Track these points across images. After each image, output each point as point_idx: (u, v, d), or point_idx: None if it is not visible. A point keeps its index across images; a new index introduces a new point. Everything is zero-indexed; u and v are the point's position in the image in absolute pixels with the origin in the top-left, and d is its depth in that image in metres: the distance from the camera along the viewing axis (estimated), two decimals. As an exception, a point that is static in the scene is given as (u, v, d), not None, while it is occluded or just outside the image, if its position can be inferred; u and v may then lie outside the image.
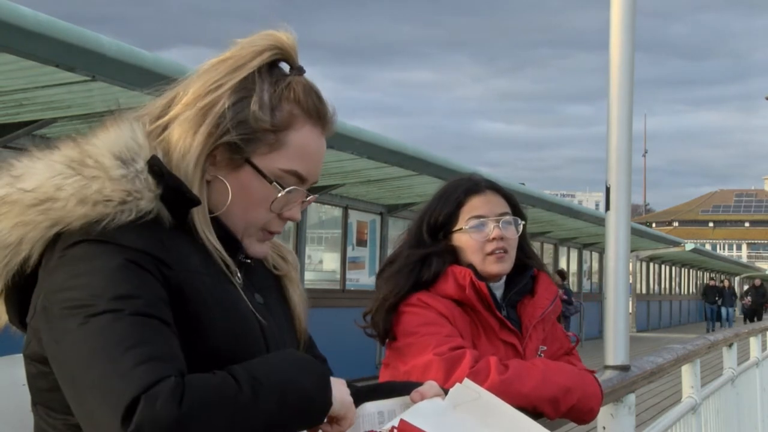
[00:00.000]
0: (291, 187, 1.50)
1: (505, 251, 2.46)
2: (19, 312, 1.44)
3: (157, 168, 1.41)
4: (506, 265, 2.47)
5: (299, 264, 1.76)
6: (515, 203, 2.55)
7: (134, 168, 1.39)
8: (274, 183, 1.49)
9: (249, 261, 1.56)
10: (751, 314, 33.01)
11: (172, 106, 1.49)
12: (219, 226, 1.49)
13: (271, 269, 1.65)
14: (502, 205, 2.50)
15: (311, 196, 1.57)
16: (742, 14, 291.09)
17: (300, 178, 1.51)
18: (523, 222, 2.53)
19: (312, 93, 1.53)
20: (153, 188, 1.39)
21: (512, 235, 2.48)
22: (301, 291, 1.68)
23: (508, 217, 2.49)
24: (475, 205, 2.48)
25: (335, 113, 1.56)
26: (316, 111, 1.52)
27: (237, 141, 1.46)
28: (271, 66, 1.51)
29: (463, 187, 2.51)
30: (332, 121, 1.56)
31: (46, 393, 1.38)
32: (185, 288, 1.38)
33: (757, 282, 35.59)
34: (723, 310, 33.35)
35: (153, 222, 1.39)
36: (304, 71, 1.55)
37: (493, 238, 2.44)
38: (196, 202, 1.44)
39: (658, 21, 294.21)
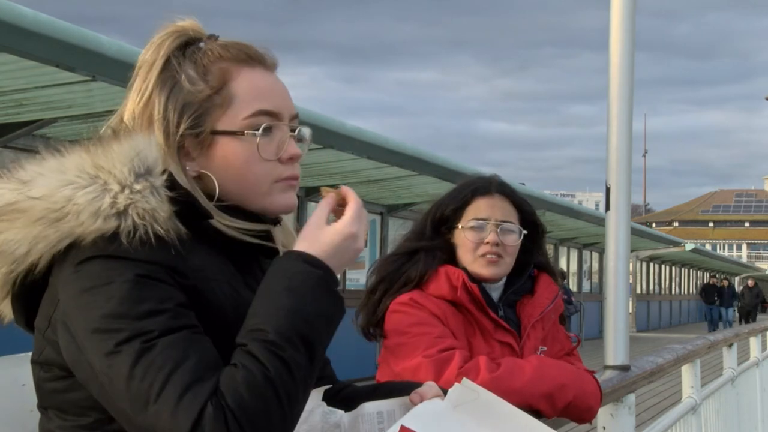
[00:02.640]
0: (264, 125, 1.46)
1: (499, 256, 2.45)
2: (26, 314, 1.43)
3: (169, 182, 1.39)
4: (497, 270, 2.47)
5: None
6: (526, 212, 2.53)
7: (148, 181, 1.37)
8: (247, 132, 1.45)
9: (279, 223, 1.54)
10: (746, 315, 32.62)
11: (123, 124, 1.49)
12: (231, 209, 1.46)
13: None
14: (508, 212, 2.49)
15: (300, 129, 1.51)
16: (747, 14, 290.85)
17: (270, 115, 1.47)
18: (525, 232, 2.50)
19: (230, 45, 1.50)
20: (166, 202, 1.38)
21: (511, 242, 2.47)
22: None
23: (510, 225, 2.48)
24: (480, 206, 2.48)
25: (268, 48, 1.53)
26: (244, 54, 1.50)
27: (192, 123, 1.44)
28: (182, 49, 1.50)
29: (474, 186, 2.52)
30: (267, 54, 1.52)
31: (59, 395, 1.37)
32: (202, 298, 1.36)
33: (751, 282, 35.18)
34: (722, 311, 32.16)
35: (167, 235, 1.37)
36: (217, 36, 1.52)
37: (488, 242, 2.44)
38: (208, 216, 1.43)
39: (662, 21, 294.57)
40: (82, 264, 1.33)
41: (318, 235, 1.41)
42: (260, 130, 1.45)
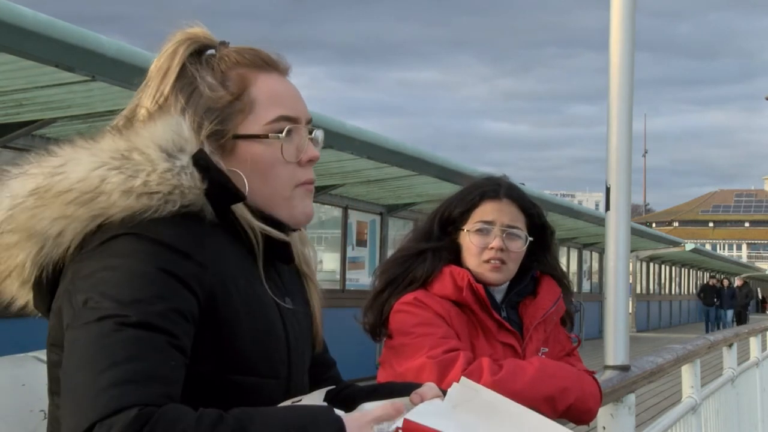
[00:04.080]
0: (287, 127, 1.49)
1: (503, 262, 2.45)
2: (49, 301, 1.43)
3: (203, 162, 1.40)
4: (501, 276, 2.46)
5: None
6: (535, 217, 2.52)
7: (180, 161, 1.39)
8: (271, 135, 1.48)
9: (297, 230, 1.56)
10: (737, 315, 31.69)
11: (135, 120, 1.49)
12: (256, 211, 1.47)
13: (300, 267, 1.64)
14: (515, 217, 2.48)
15: (316, 132, 1.55)
16: (750, 14, 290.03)
17: (290, 120, 1.50)
18: (531, 239, 2.49)
19: (245, 50, 1.53)
20: (198, 182, 1.39)
21: (516, 248, 2.47)
22: (319, 295, 1.68)
23: (517, 230, 2.47)
24: (487, 210, 2.47)
25: (280, 54, 1.56)
26: (260, 60, 1.52)
27: (215, 128, 1.46)
28: (195, 55, 1.51)
29: (482, 189, 2.51)
30: (281, 61, 1.55)
31: None
32: (218, 293, 1.37)
33: (739, 282, 33.87)
34: (722, 312, 31.07)
35: (195, 217, 1.39)
36: (228, 43, 1.55)
37: (492, 247, 2.44)
38: (241, 197, 1.44)
39: (665, 20, 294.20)
40: (109, 240, 1.34)
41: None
42: (284, 133, 1.48)
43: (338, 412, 1.32)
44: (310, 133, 1.54)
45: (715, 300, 31.40)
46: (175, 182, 1.37)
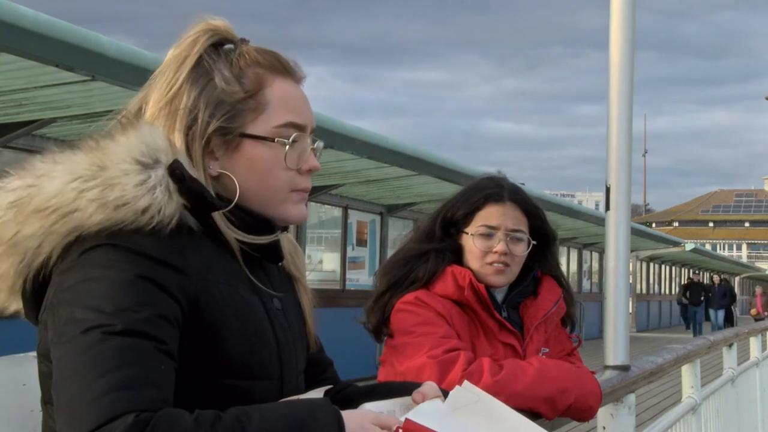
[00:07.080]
0: (294, 134, 1.50)
1: (506, 265, 2.45)
2: (36, 311, 1.43)
3: (179, 173, 1.40)
4: (504, 279, 2.47)
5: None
6: (537, 220, 2.52)
7: (155, 172, 1.38)
8: (277, 140, 1.49)
9: (287, 230, 1.57)
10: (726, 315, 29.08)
11: (143, 113, 1.49)
12: (246, 213, 1.48)
13: (289, 269, 1.65)
14: (519, 221, 2.48)
15: (318, 142, 1.56)
16: (756, 14, 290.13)
17: (297, 127, 1.51)
18: (534, 242, 2.50)
19: (266, 51, 1.53)
20: (173, 193, 1.39)
21: (519, 252, 2.47)
22: (310, 297, 1.68)
23: (520, 234, 2.48)
24: (491, 213, 2.47)
25: (296, 62, 1.56)
26: (279, 63, 1.53)
27: (223, 123, 1.46)
28: (215, 47, 1.51)
29: (486, 192, 2.50)
30: (297, 69, 1.56)
31: None
32: (202, 298, 1.37)
33: (717, 279, 30.71)
34: (711, 312, 28.37)
35: (174, 227, 1.38)
36: (248, 41, 1.55)
37: (496, 251, 2.44)
38: (217, 206, 1.44)
39: (671, 20, 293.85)
40: (88, 251, 1.34)
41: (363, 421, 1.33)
42: (290, 140, 1.49)
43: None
44: (313, 143, 1.55)
45: (702, 299, 28.64)
46: (149, 194, 1.36)
